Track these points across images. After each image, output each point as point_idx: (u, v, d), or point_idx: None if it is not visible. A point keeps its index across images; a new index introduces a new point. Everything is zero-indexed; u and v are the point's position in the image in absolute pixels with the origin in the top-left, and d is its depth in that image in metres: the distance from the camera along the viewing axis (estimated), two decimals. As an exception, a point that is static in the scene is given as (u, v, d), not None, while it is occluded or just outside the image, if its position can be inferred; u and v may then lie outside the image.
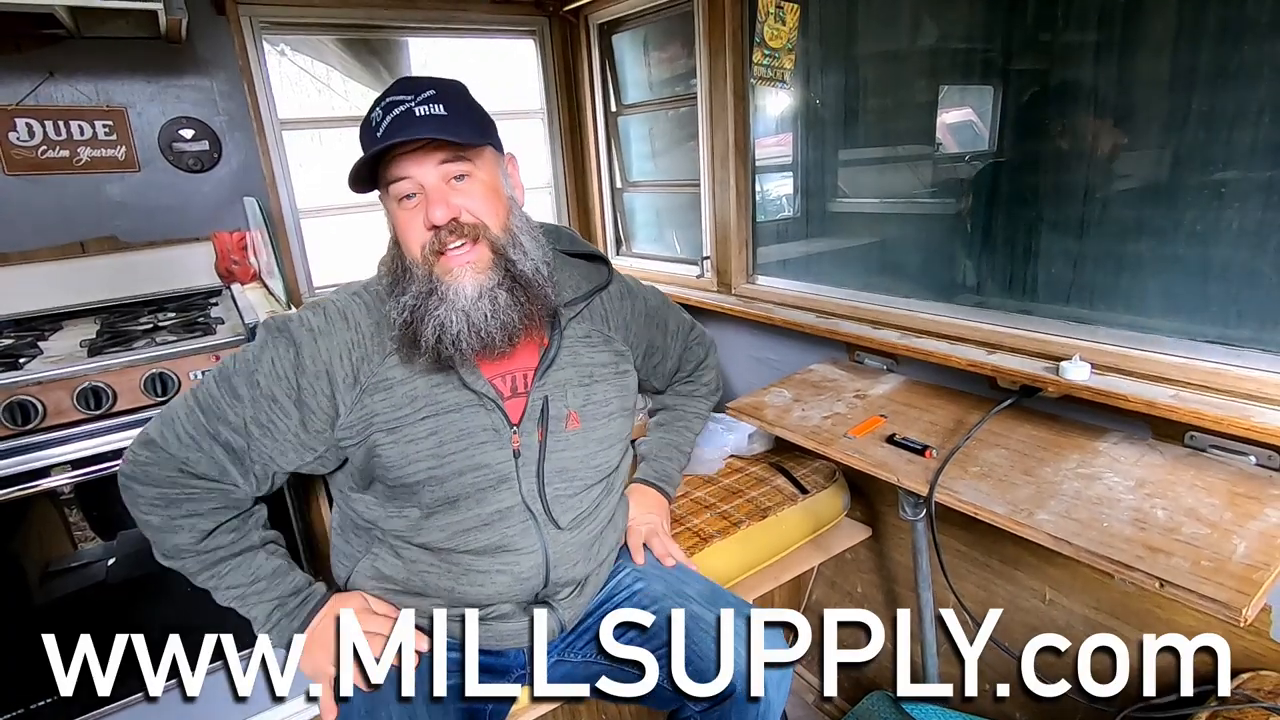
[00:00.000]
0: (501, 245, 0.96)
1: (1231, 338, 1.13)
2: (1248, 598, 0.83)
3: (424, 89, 0.92)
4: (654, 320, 1.22)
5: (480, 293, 0.94)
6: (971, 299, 1.52)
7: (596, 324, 1.12)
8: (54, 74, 1.87)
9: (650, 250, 2.67)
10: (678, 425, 1.37)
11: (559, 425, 1.04)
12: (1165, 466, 1.14)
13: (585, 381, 1.07)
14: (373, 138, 0.91)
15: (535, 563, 1.04)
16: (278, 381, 0.96)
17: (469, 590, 1.03)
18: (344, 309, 1.00)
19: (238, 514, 1.02)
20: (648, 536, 1.23)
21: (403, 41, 2.57)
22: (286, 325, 0.98)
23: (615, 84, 2.57)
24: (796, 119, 1.92)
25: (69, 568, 1.50)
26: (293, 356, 0.96)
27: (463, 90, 0.97)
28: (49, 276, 1.92)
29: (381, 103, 0.92)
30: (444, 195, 0.93)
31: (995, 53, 1.43)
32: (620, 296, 1.17)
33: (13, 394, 1.36)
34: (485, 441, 0.99)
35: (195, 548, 0.99)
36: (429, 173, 0.92)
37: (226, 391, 0.96)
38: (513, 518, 1.03)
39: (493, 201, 0.96)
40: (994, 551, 1.53)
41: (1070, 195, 1.31)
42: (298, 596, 1.04)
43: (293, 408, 0.96)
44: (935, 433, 1.34)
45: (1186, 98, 1.13)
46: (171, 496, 0.96)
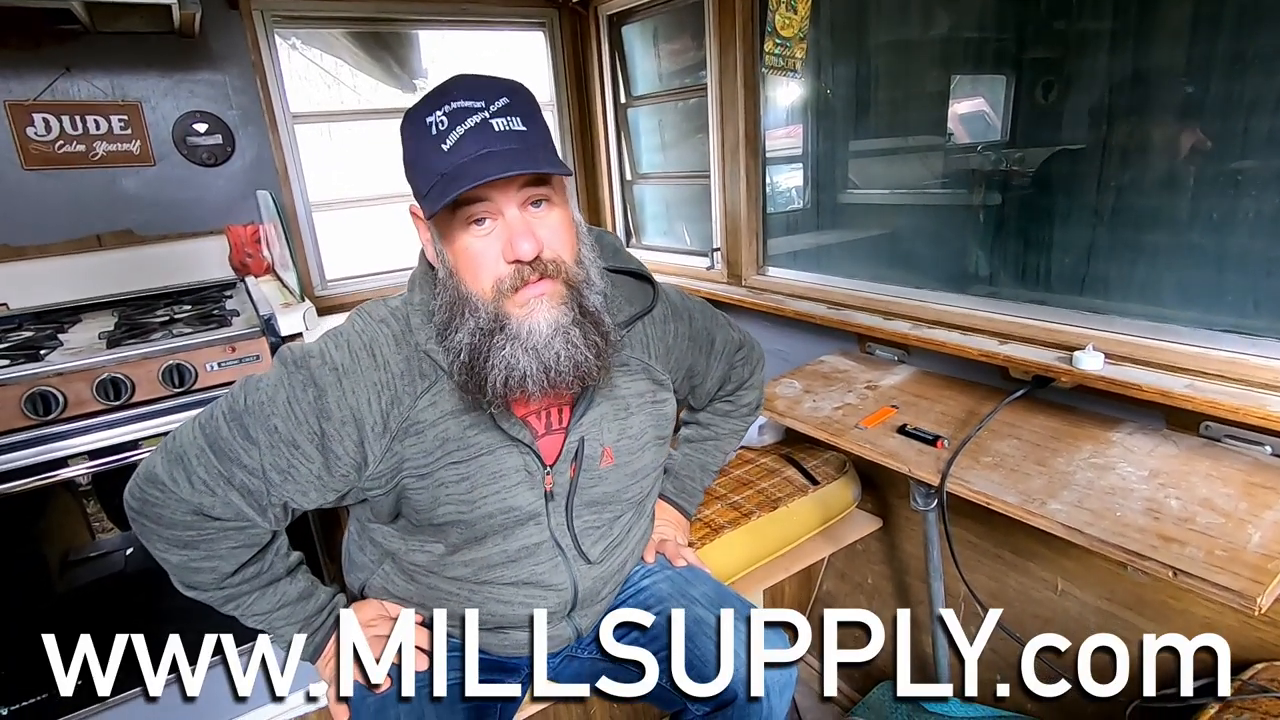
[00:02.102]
0: (577, 280, 0.86)
1: (1248, 327, 1.12)
2: (1262, 587, 0.83)
3: (495, 94, 0.79)
4: (698, 342, 1.13)
5: (555, 330, 0.83)
6: (984, 289, 1.51)
7: (636, 351, 1.03)
8: (70, 69, 1.89)
9: (660, 242, 2.67)
10: (708, 445, 1.30)
11: (593, 464, 0.98)
12: (1180, 457, 1.13)
13: (620, 415, 1.00)
14: (438, 151, 0.78)
15: (564, 599, 1.02)
16: (298, 426, 0.86)
17: (488, 619, 1.01)
18: (370, 343, 0.89)
19: (258, 549, 0.96)
20: (660, 545, 1.20)
21: (413, 34, 2.58)
22: (306, 361, 0.88)
23: (625, 76, 2.57)
24: (807, 110, 1.91)
25: (88, 557, 1.52)
26: (312, 399, 0.86)
27: (531, 96, 0.84)
28: (67, 270, 1.95)
29: (444, 106, 0.78)
30: (529, 227, 0.81)
31: (1008, 42, 1.42)
32: (664, 320, 1.06)
33: (34, 385, 1.38)
34: (518, 483, 0.93)
35: (217, 585, 0.96)
36: (511, 198, 0.80)
37: (239, 433, 0.86)
38: (541, 554, 0.98)
39: (570, 232, 0.87)
40: (1006, 543, 1.52)
41: (1084, 184, 1.30)
42: (321, 614, 1.03)
43: (316, 453, 0.87)
44: (947, 423, 1.34)
45: (1202, 85, 1.11)
46: (187, 539, 0.90)
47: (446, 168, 0.77)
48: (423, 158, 0.80)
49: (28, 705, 1.46)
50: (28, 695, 1.46)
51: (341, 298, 2.34)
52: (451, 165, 0.77)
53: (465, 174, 0.76)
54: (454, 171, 0.77)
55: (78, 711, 1.50)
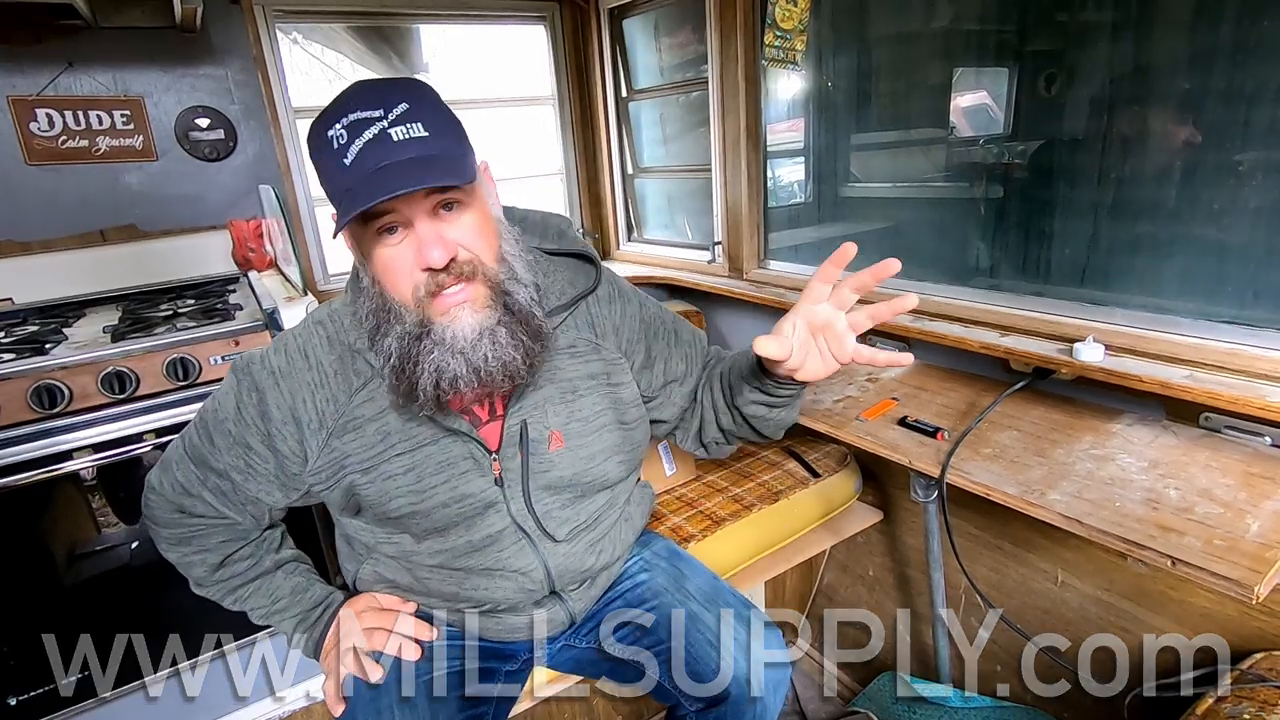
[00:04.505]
0: (498, 279, 0.86)
1: (1248, 318, 1.12)
2: (1260, 575, 0.83)
3: (394, 101, 0.77)
4: (652, 327, 1.09)
5: (480, 333, 0.83)
6: (985, 282, 1.51)
7: (583, 331, 1.02)
8: (73, 64, 1.89)
9: (661, 236, 2.67)
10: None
11: (540, 447, 0.97)
12: (1179, 447, 1.14)
13: (568, 397, 0.99)
14: (340, 165, 0.76)
15: (538, 577, 1.02)
16: (247, 428, 0.92)
17: (473, 595, 1.02)
18: (304, 345, 0.93)
19: (246, 543, 1.02)
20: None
21: (414, 29, 2.58)
22: (249, 367, 0.93)
23: (626, 69, 2.57)
24: (808, 103, 1.91)
25: (94, 551, 1.53)
26: (255, 402, 0.92)
27: (435, 97, 0.82)
28: (70, 265, 1.96)
29: (342, 118, 0.76)
30: (438, 233, 0.80)
31: (1010, 34, 1.42)
32: (609, 299, 1.05)
33: (40, 378, 1.39)
34: (466, 471, 0.94)
35: (211, 578, 1.02)
36: (417, 207, 0.79)
37: (205, 439, 0.95)
38: (505, 540, 0.99)
39: (486, 232, 0.85)
40: (1006, 534, 1.53)
41: (1085, 177, 1.30)
42: (317, 609, 1.06)
43: (267, 452, 0.93)
44: (948, 415, 1.34)
45: (1204, 76, 1.11)
46: (179, 535, 0.99)
47: (349, 182, 0.76)
48: (327, 172, 0.79)
49: (34, 696, 1.47)
50: (33, 686, 1.47)
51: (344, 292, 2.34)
52: (353, 180, 0.76)
53: (364, 190, 0.75)
54: (355, 187, 0.76)
55: (82, 703, 1.51)
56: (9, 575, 1.44)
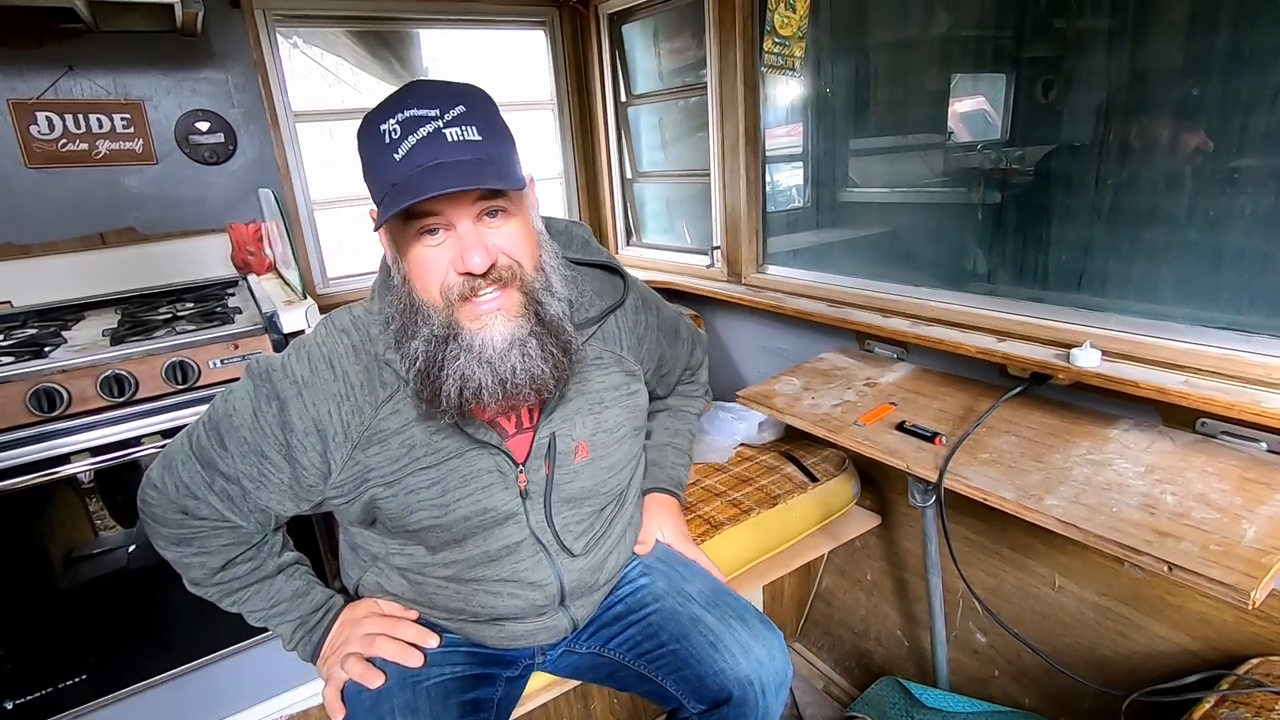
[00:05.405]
0: (533, 288, 0.85)
1: (1243, 324, 1.13)
2: (1256, 581, 0.83)
3: (450, 102, 0.77)
4: (665, 331, 1.13)
5: (510, 343, 0.82)
6: (982, 287, 1.52)
7: (609, 344, 1.03)
8: (73, 68, 1.89)
9: (660, 241, 2.68)
10: (681, 429, 1.31)
11: (566, 459, 0.97)
12: (1175, 453, 1.14)
13: (595, 409, 0.99)
14: (389, 160, 0.76)
15: (551, 591, 1.02)
16: (265, 438, 0.89)
17: (480, 610, 1.02)
18: (329, 355, 0.90)
19: (248, 547, 0.99)
20: (647, 546, 1.19)
21: (414, 33, 2.59)
22: (269, 375, 0.89)
23: (625, 74, 2.57)
24: (807, 108, 1.92)
25: (91, 554, 1.53)
26: (276, 411, 0.88)
27: (491, 103, 0.82)
28: (70, 268, 1.96)
29: (397, 114, 0.77)
30: (481, 239, 0.79)
31: (1008, 40, 1.43)
32: (635, 311, 1.07)
33: (39, 382, 1.39)
34: (491, 484, 0.93)
35: (210, 580, 0.99)
36: (464, 211, 0.79)
37: (215, 441, 0.90)
38: (522, 551, 0.98)
39: (528, 241, 0.85)
40: (1003, 539, 1.53)
41: (1082, 182, 1.30)
42: (317, 613, 1.05)
43: (284, 463, 0.90)
44: (945, 420, 1.35)
45: (1200, 83, 1.12)
46: (180, 535, 0.96)
47: (397, 178, 0.76)
48: (375, 166, 0.79)
49: (32, 699, 1.47)
50: (31, 690, 1.47)
51: (343, 295, 2.35)
52: (402, 176, 0.76)
53: (414, 186, 0.74)
54: (404, 183, 0.75)
55: (81, 706, 1.51)
56: (7, 579, 1.44)
